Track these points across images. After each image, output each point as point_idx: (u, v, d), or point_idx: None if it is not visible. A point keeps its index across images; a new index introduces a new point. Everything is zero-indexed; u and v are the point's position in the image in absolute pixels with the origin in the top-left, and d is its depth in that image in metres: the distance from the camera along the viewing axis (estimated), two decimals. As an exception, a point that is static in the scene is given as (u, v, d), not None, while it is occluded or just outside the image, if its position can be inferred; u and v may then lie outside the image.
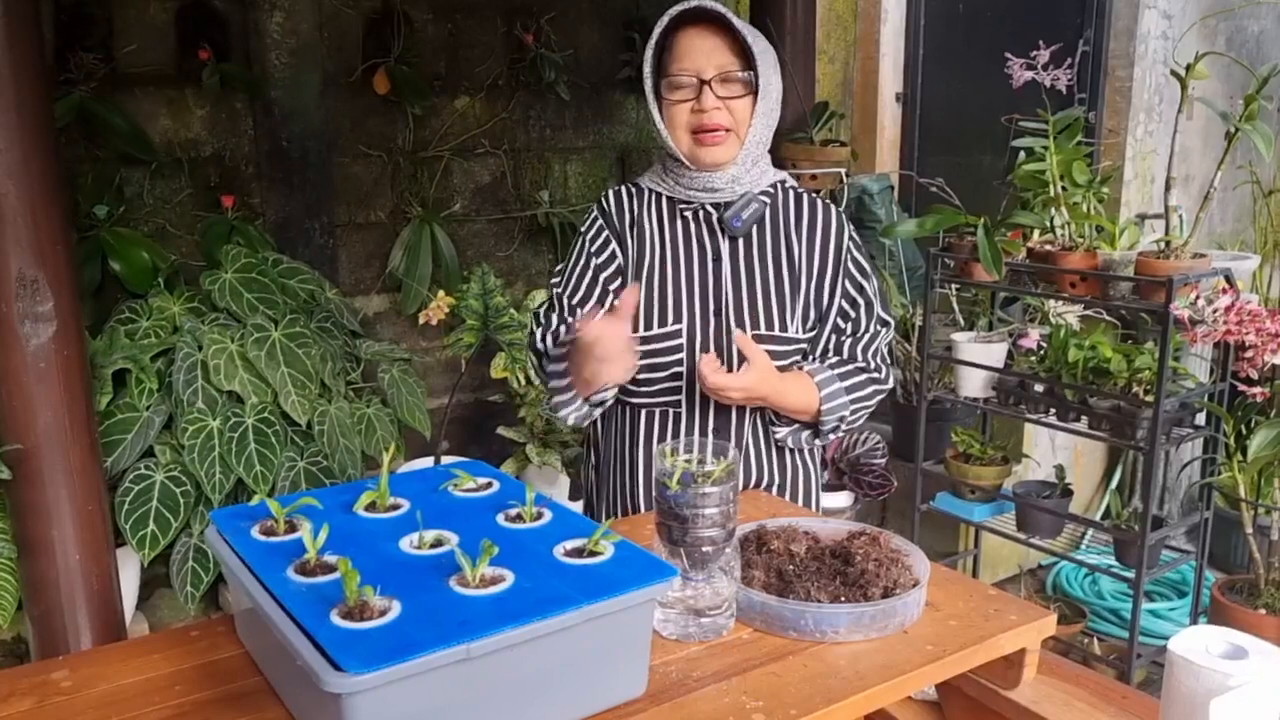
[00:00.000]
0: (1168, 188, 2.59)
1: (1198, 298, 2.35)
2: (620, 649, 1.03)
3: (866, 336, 1.73)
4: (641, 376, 1.67)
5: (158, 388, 2.68)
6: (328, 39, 3.47)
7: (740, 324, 1.65)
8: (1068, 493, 2.94)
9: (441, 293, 2.92)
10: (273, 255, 3.09)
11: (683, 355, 1.67)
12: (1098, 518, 3.64)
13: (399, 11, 3.53)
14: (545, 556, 1.09)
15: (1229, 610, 2.56)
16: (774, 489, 1.76)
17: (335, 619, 0.94)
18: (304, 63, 3.38)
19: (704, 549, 1.16)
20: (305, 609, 0.96)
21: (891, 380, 1.76)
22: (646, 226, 1.71)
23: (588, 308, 1.70)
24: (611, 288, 1.72)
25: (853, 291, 1.72)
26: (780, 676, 1.10)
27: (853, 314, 1.72)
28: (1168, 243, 2.48)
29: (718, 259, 1.68)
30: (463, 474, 1.32)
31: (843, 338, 1.73)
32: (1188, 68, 2.45)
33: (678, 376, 1.67)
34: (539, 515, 1.19)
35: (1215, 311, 2.24)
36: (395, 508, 1.23)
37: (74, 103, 2.95)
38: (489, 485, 1.31)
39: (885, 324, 1.75)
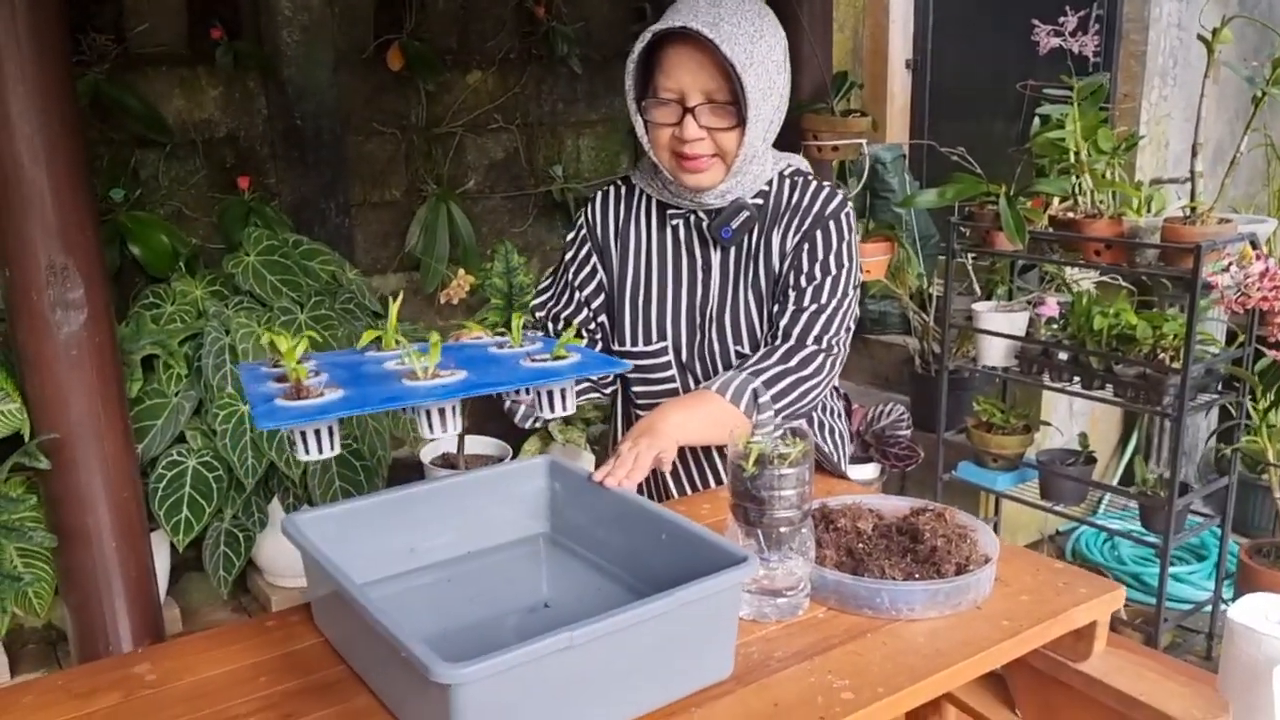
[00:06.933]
0: (1194, 153, 2.58)
1: (1229, 264, 2.35)
2: (709, 632, 1.04)
3: (810, 311, 1.55)
4: (638, 389, 1.70)
5: (186, 373, 2.67)
6: (339, 15, 3.43)
7: (723, 338, 1.63)
8: (1091, 460, 2.95)
9: (462, 271, 2.90)
10: (293, 237, 3.07)
11: (673, 371, 1.67)
12: (1114, 482, 3.65)
13: (409, -14, 3.50)
14: (509, 363, 1.29)
15: (1257, 573, 2.58)
16: None
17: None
18: (316, 40, 3.35)
19: (780, 529, 1.16)
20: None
21: (837, 348, 1.57)
22: (633, 235, 1.67)
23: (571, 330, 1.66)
24: (594, 305, 1.69)
25: (804, 260, 1.56)
26: (862, 655, 1.11)
27: (802, 284, 1.56)
28: (1193, 208, 2.47)
29: (707, 269, 1.63)
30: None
31: (785, 308, 1.57)
32: (1214, 32, 2.44)
33: (672, 392, 1.67)
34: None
35: (1249, 277, 2.24)
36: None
37: (88, 84, 2.92)
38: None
39: (843, 300, 1.57)
